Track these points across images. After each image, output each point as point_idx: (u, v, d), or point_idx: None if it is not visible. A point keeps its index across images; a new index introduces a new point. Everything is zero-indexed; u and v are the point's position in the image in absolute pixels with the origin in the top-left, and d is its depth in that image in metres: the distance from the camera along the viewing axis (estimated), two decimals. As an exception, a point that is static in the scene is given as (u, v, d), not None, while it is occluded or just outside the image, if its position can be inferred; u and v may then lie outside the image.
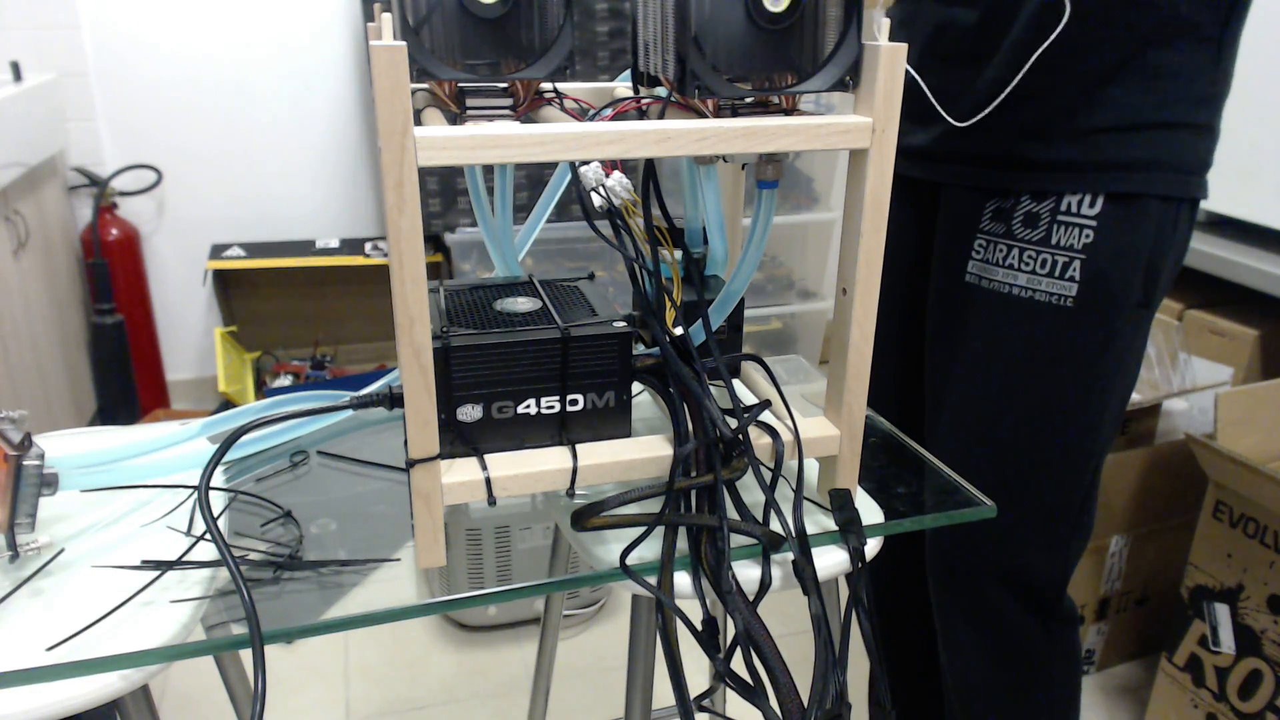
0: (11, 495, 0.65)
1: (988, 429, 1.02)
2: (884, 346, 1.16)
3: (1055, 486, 1.01)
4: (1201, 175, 0.94)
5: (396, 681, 1.68)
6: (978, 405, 1.02)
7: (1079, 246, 0.93)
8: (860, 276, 0.67)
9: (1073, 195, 0.93)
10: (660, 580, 0.66)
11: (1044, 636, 1.07)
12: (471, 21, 0.62)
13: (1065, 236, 0.93)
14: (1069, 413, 0.98)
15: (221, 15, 2.39)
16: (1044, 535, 1.03)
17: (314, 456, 0.87)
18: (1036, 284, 0.95)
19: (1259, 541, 1.37)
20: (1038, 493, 1.02)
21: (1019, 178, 0.95)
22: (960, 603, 1.09)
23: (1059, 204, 0.93)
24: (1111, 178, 0.91)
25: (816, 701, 0.62)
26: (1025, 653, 1.08)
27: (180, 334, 2.64)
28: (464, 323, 0.69)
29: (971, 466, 1.01)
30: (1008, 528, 1.02)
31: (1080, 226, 0.92)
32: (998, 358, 1.00)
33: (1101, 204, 0.92)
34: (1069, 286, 0.94)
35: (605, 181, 0.63)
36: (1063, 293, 0.94)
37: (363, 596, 0.68)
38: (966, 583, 1.08)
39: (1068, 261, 0.93)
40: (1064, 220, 0.93)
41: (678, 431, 0.68)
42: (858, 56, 0.62)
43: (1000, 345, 1.00)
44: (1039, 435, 0.99)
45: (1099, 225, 0.92)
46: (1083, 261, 0.93)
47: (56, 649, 0.59)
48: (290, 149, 2.55)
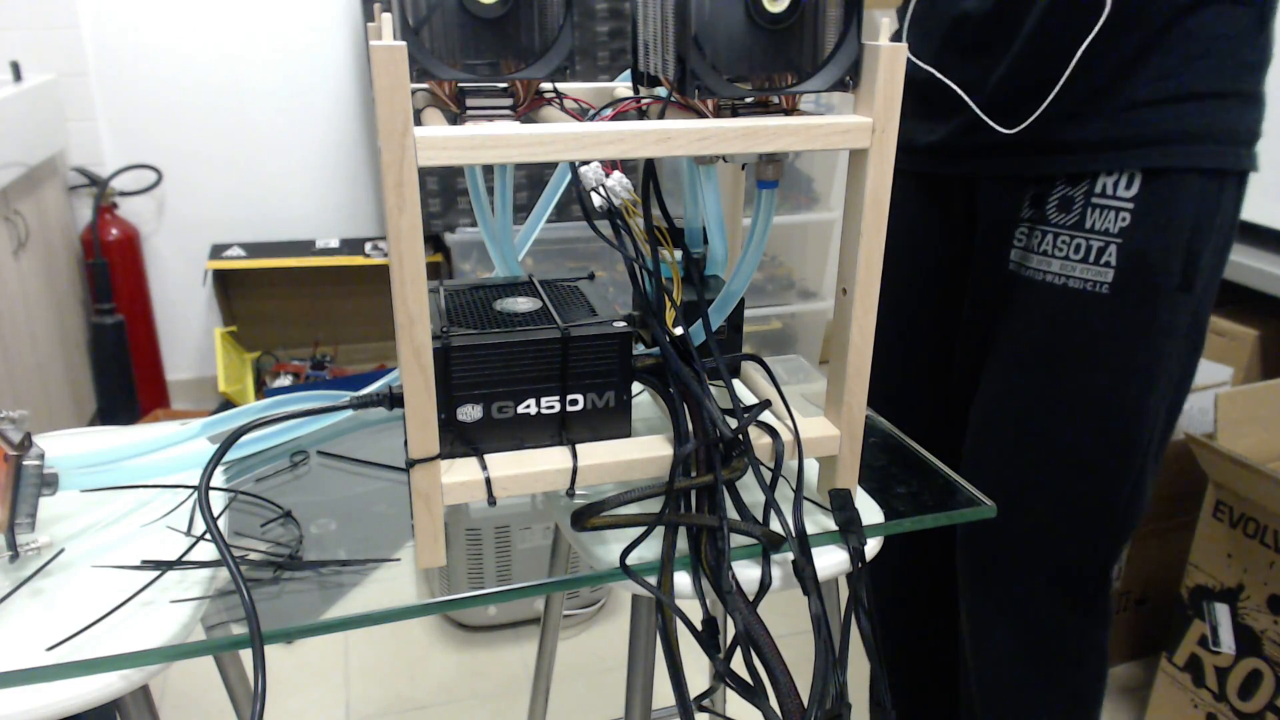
0: (11, 495, 0.65)
1: (1024, 422, 0.99)
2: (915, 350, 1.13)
3: (1096, 481, 0.97)
4: (1251, 146, 0.90)
5: (396, 681, 1.68)
6: (1012, 398, 0.99)
7: (1115, 230, 0.90)
8: (860, 276, 0.67)
9: (1108, 177, 0.90)
10: (660, 580, 0.66)
11: (1079, 635, 1.04)
12: (471, 21, 0.62)
13: (1100, 220, 0.90)
14: (1108, 404, 0.94)
15: (222, 15, 2.39)
16: (1084, 531, 0.99)
17: (314, 456, 0.87)
18: (1070, 270, 0.92)
19: (1259, 541, 1.37)
20: (1077, 487, 0.98)
21: (1053, 162, 0.92)
22: (994, 601, 1.06)
23: (1093, 186, 0.90)
24: (1151, 153, 0.88)
25: (816, 701, 0.62)
26: (1060, 652, 1.05)
27: (180, 334, 2.64)
28: (464, 323, 0.69)
29: (1008, 462, 0.99)
30: (1046, 524, 0.99)
31: (1116, 209, 0.89)
32: (1032, 348, 0.97)
33: (1139, 184, 0.88)
34: (1104, 272, 0.91)
35: (605, 181, 0.63)
36: (1098, 279, 0.91)
37: (363, 596, 0.68)
38: (1001, 581, 1.05)
39: (1103, 246, 0.90)
40: (1099, 204, 0.90)
41: (678, 431, 0.68)
42: (858, 56, 0.62)
43: (1033, 335, 0.97)
44: (1077, 428, 0.96)
45: (1135, 207, 0.89)
46: (1119, 246, 0.90)
47: (56, 649, 0.59)
48: (290, 149, 2.55)
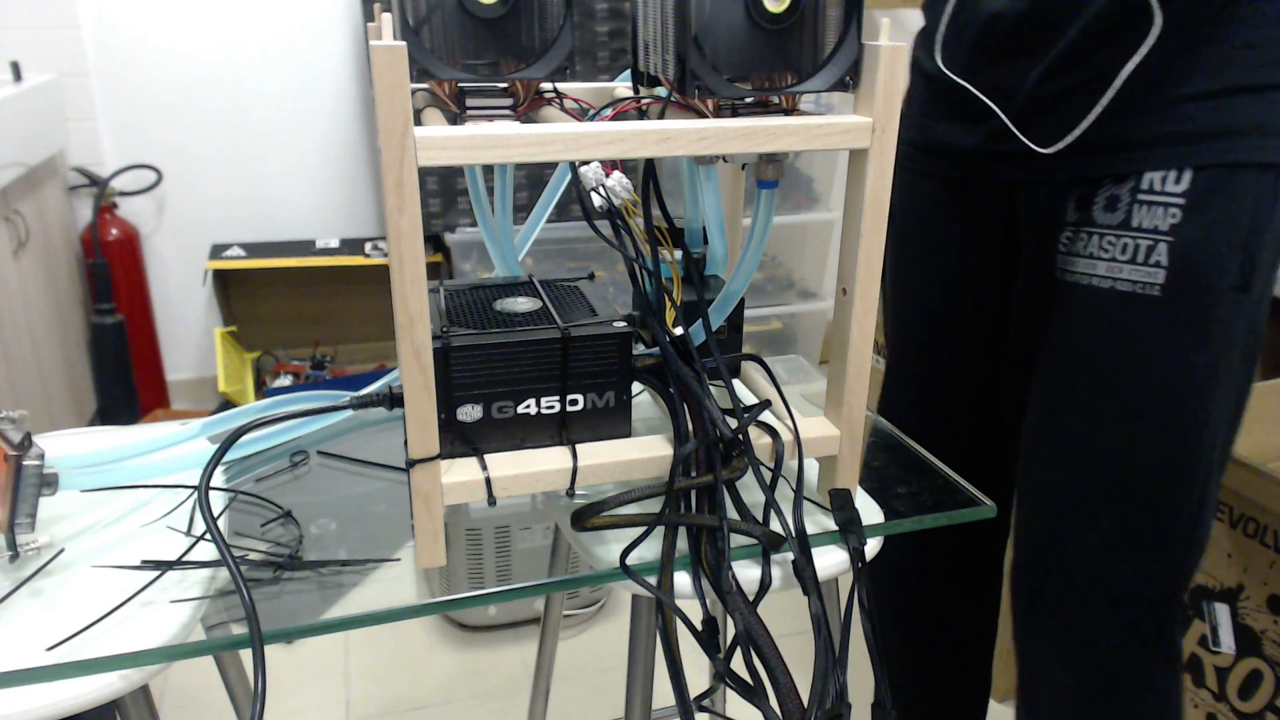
0: (11, 495, 0.65)
1: (1074, 440, 0.93)
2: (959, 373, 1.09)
3: (1157, 497, 0.91)
4: None
5: (396, 681, 1.68)
6: (1061, 414, 0.93)
7: (1164, 228, 0.84)
8: (860, 276, 0.67)
9: (1154, 172, 0.84)
10: (660, 580, 0.66)
11: (1143, 678, 0.96)
12: (471, 21, 0.62)
13: (1148, 218, 0.85)
14: (1163, 417, 0.88)
15: (222, 15, 2.39)
16: (1143, 558, 0.92)
17: (314, 456, 0.87)
18: (1117, 272, 0.87)
19: (1259, 541, 1.37)
20: (1137, 505, 0.91)
21: (1098, 163, 0.87)
22: (1048, 637, 0.98)
23: (1139, 183, 0.85)
24: (1204, 148, 0.83)
25: (816, 701, 0.62)
26: (1122, 696, 0.96)
27: (180, 334, 2.64)
28: (464, 323, 0.69)
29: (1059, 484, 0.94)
30: (1101, 550, 0.93)
31: (1165, 205, 0.84)
32: (1079, 358, 0.91)
33: (1189, 179, 0.83)
34: (1155, 273, 0.85)
35: (605, 181, 0.63)
36: (1148, 280, 0.86)
37: (363, 596, 0.68)
38: (1056, 614, 0.97)
39: (1152, 245, 0.85)
40: (1145, 200, 0.85)
41: (678, 431, 0.68)
42: (858, 56, 0.62)
43: (1081, 344, 0.91)
44: (1134, 441, 0.90)
45: (1186, 202, 0.83)
46: (1170, 245, 0.84)
47: (56, 649, 0.59)
48: (290, 149, 2.55)
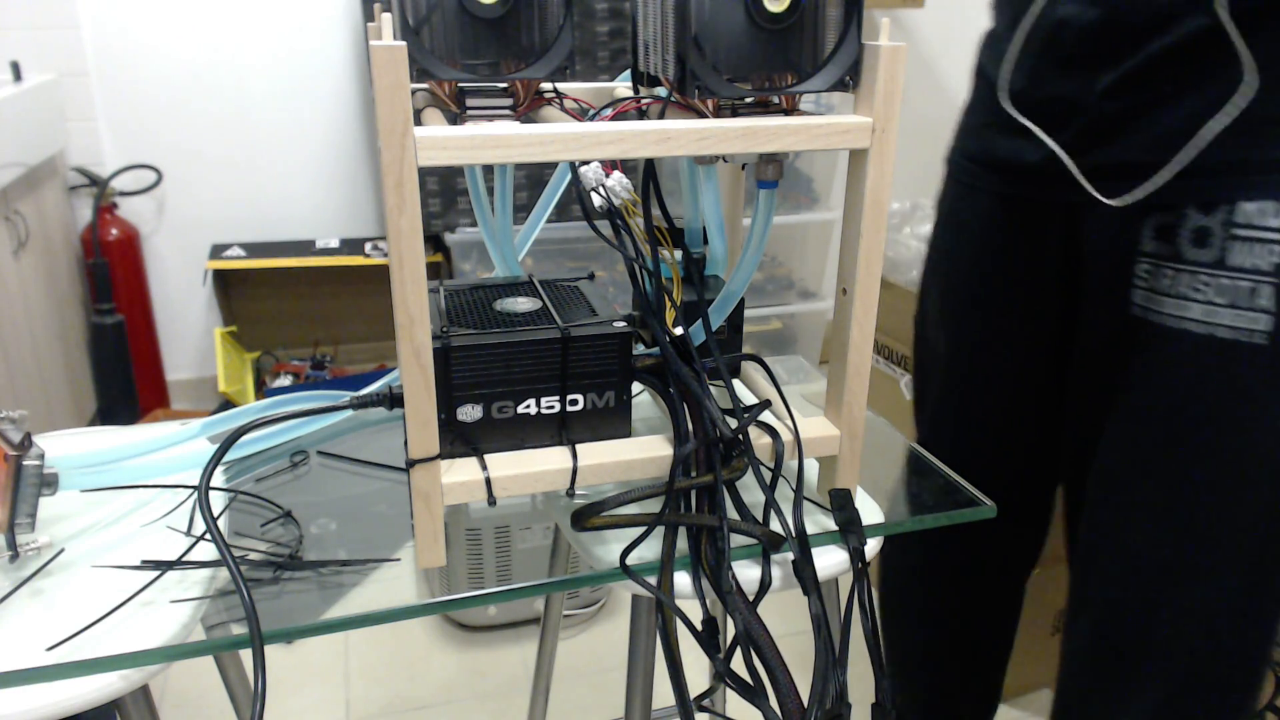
0: (11, 495, 0.65)
1: (1173, 497, 0.84)
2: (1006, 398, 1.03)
3: (1251, 562, 0.83)
4: None
5: (396, 681, 1.68)
6: (1148, 466, 0.85)
7: (1267, 268, 0.76)
8: (860, 276, 0.67)
9: (1250, 203, 0.76)
10: (660, 580, 0.66)
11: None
12: (471, 21, 0.62)
13: (1247, 256, 0.76)
14: (1268, 475, 0.80)
15: (222, 15, 2.39)
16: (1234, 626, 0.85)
17: (314, 456, 0.87)
18: (1215, 316, 0.78)
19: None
20: (1226, 571, 0.84)
21: (1179, 187, 0.78)
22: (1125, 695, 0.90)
23: (1232, 214, 0.77)
24: None
25: (816, 701, 0.62)
26: None
27: (180, 334, 2.64)
28: (464, 323, 0.69)
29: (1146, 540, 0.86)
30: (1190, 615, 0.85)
31: (1266, 242, 0.76)
32: (1172, 408, 0.83)
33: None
34: (1258, 319, 0.76)
35: (605, 181, 0.63)
36: (1251, 326, 0.77)
37: (363, 596, 0.68)
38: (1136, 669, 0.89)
39: (1253, 288, 0.76)
40: (1242, 235, 0.76)
41: (678, 431, 0.68)
42: (858, 56, 0.62)
43: (1174, 393, 0.82)
44: (1229, 502, 0.82)
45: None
46: (1275, 287, 0.76)
47: (56, 649, 0.59)
48: (290, 149, 2.55)
